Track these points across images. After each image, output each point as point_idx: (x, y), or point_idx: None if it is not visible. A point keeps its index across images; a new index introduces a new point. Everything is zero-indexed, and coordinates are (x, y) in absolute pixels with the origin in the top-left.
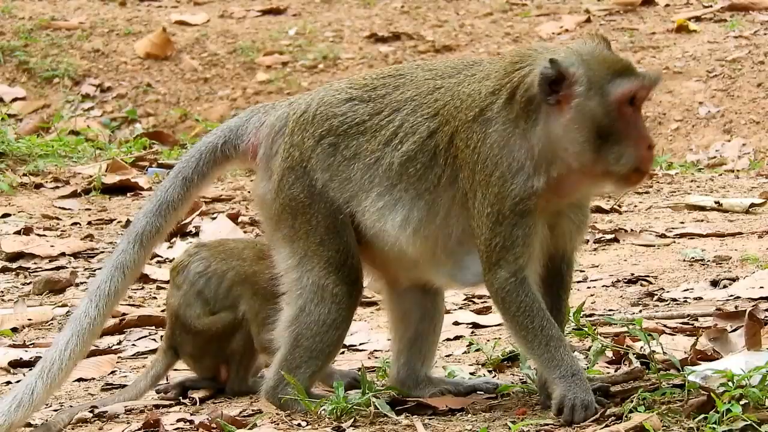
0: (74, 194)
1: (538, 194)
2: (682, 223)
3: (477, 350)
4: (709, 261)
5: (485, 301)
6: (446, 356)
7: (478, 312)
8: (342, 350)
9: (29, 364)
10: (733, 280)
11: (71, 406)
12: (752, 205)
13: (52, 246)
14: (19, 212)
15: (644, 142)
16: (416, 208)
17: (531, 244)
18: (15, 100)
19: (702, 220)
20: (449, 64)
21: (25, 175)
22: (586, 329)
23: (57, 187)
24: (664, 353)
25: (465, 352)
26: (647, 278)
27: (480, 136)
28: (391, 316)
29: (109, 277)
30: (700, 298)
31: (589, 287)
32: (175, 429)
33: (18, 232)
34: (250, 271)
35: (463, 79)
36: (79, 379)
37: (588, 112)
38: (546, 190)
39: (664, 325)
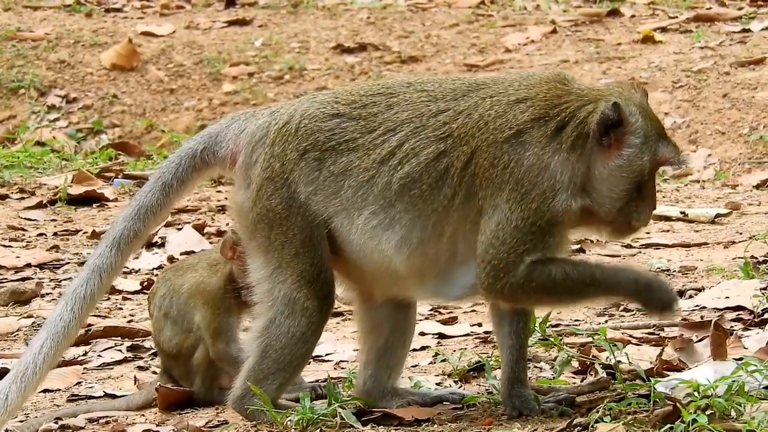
0: (40, 205)
1: (574, 213)
2: (648, 233)
3: (443, 361)
4: (674, 271)
5: (451, 312)
6: (412, 367)
7: (444, 322)
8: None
9: None
10: (699, 290)
11: (36, 417)
12: (718, 215)
13: (18, 257)
14: None
15: (654, 203)
16: (417, 228)
17: (559, 252)
18: None
19: (668, 231)
20: (446, 86)
21: None
22: (552, 339)
23: (22, 198)
24: (630, 363)
25: (431, 363)
26: None
27: (513, 156)
28: (361, 326)
29: (85, 280)
30: None
31: None
32: None
33: None
34: (200, 280)
35: (480, 101)
36: (45, 390)
37: (638, 165)
38: (577, 213)
39: (630, 336)
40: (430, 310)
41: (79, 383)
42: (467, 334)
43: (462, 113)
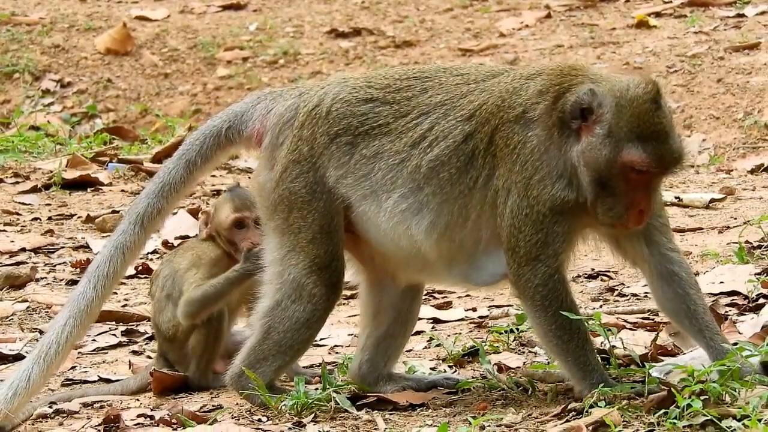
0: (34, 189)
1: (574, 202)
2: None
3: (437, 345)
4: None
5: (446, 296)
6: (407, 351)
7: (439, 307)
8: None
9: None
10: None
11: (31, 402)
12: (712, 200)
13: (12, 241)
14: None
15: (637, 207)
16: (445, 212)
17: (570, 241)
18: None
19: None
20: (482, 70)
21: None
22: None
23: (17, 183)
24: (625, 348)
25: (425, 348)
26: (607, 273)
27: (521, 138)
28: (364, 311)
29: (108, 257)
30: None
31: None
32: (135, 424)
33: None
34: (198, 254)
35: (504, 78)
36: None
37: (595, 156)
38: (580, 202)
39: (625, 321)
40: (425, 294)
41: (73, 368)
42: (462, 319)
43: (485, 90)
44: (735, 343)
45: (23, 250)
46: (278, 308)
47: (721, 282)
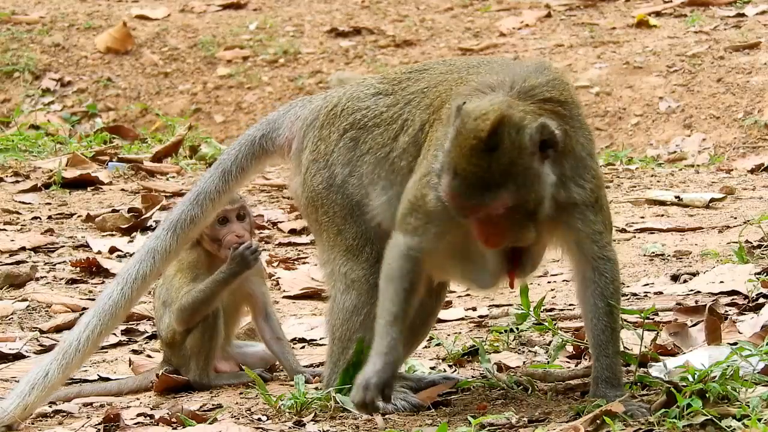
0: (34, 188)
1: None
2: (643, 217)
3: (437, 345)
4: (669, 256)
5: (446, 296)
6: None
7: None
8: (302, 344)
9: None
10: (694, 274)
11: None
12: (712, 199)
13: (12, 240)
14: None
15: (478, 236)
16: None
17: (432, 238)
18: None
19: (662, 215)
20: (467, 62)
21: None
22: (546, 324)
23: (17, 182)
24: (625, 348)
25: (425, 347)
26: None
27: (431, 138)
28: None
29: (138, 261)
30: (661, 293)
31: (549, 282)
32: (135, 423)
33: None
34: (181, 260)
35: (460, 77)
36: None
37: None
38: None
39: (625, 320)
40: None
41: None
42: (462, 318)
43: (445, 83)
44: (735, 343)
45: (23, 249)
46: (334, 304)
47: (721, 282)
